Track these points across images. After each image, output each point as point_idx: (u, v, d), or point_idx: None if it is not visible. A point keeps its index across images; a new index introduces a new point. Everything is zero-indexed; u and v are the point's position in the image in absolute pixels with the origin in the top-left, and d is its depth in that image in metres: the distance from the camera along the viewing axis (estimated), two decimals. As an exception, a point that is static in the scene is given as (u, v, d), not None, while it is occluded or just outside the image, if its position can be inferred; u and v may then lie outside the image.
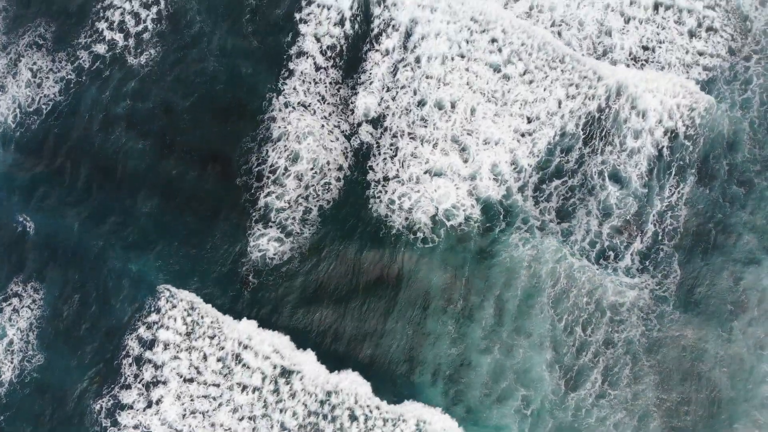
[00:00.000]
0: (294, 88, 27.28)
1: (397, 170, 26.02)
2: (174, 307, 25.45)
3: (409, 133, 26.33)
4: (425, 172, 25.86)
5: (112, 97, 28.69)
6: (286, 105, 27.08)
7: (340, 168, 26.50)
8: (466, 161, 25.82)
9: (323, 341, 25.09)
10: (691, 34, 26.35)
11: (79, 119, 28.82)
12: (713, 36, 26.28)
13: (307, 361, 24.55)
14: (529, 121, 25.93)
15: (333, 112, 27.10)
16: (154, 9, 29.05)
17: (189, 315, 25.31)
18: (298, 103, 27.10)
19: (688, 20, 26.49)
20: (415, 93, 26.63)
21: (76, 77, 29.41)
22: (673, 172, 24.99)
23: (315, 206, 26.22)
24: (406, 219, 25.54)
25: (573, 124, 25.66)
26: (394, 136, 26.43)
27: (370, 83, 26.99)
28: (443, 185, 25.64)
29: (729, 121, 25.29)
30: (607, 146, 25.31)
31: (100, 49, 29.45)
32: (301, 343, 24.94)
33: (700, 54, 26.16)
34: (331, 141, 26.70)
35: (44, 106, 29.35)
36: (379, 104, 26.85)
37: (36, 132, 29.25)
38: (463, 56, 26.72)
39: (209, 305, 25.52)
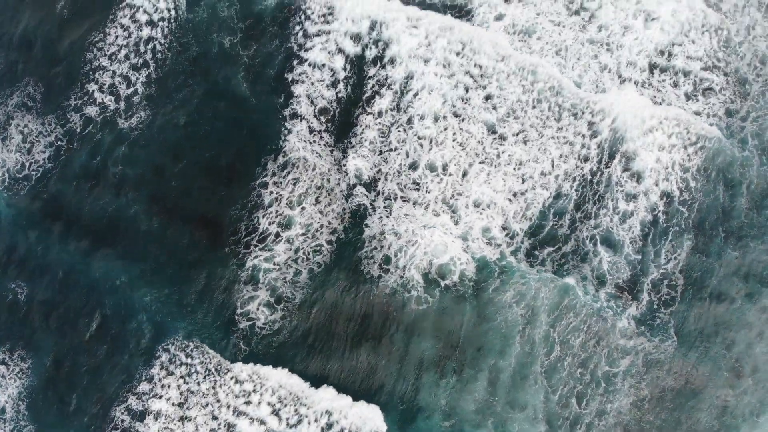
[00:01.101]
0: (294, 144, 26.96)
1: (393, 226, 25.76)
2: (170, 374, 25.25)
3: (402, 197, 26.06)
4: (420, 227, 25.62)
5: (102, 162, 28.50)
6: (284, 166, 26.75)
7: (333, 231, 26.24)
8: (456, 223, 25.55)
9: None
10: (688, 97, 25.98)
11: (69, 186, 28.64)
12: (711, 97, 25.90)
13: (316, 398, 24.29)
14: (523, 181, 25.64)
15: (330, 169, 26.83)
16: (144, 72, 28.81)
17: (186, 383, 25.10)
18: (299, 157, 26.77)
19: (685, 83, 26.12)
20: (407, 155, 26.33)
21: (67, 143, 29.20)
22: (670, 238, 24.67)
23: (305, 269, 25.98)
24: (401, 277, 25.27)
25: (567, 186, 25.37)
26: (387, 198, 26.16)
27: (360, 146, 26.69)
28: (437, 237, 25.36)
29: (725, 183, 24.94)
30: (601, 210, 25.01)
31: (92, 111, 29.23)
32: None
33: (697, 114, 25.80)
34: (328, 204, 26.43)
35: (34, 173, 29.18)
36: (372, 168, 26.57)
37: (25, 198, 29.10)
38: (457, 115, 26.40)
39: (208, 346, 25.31)
